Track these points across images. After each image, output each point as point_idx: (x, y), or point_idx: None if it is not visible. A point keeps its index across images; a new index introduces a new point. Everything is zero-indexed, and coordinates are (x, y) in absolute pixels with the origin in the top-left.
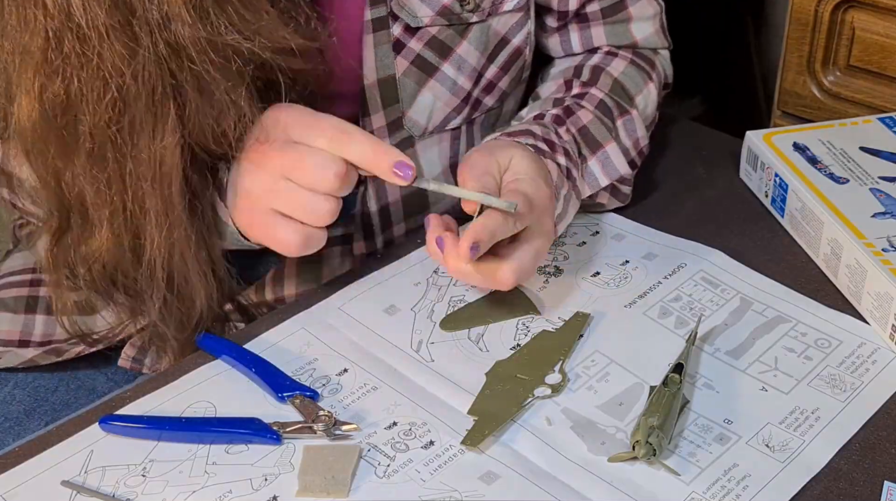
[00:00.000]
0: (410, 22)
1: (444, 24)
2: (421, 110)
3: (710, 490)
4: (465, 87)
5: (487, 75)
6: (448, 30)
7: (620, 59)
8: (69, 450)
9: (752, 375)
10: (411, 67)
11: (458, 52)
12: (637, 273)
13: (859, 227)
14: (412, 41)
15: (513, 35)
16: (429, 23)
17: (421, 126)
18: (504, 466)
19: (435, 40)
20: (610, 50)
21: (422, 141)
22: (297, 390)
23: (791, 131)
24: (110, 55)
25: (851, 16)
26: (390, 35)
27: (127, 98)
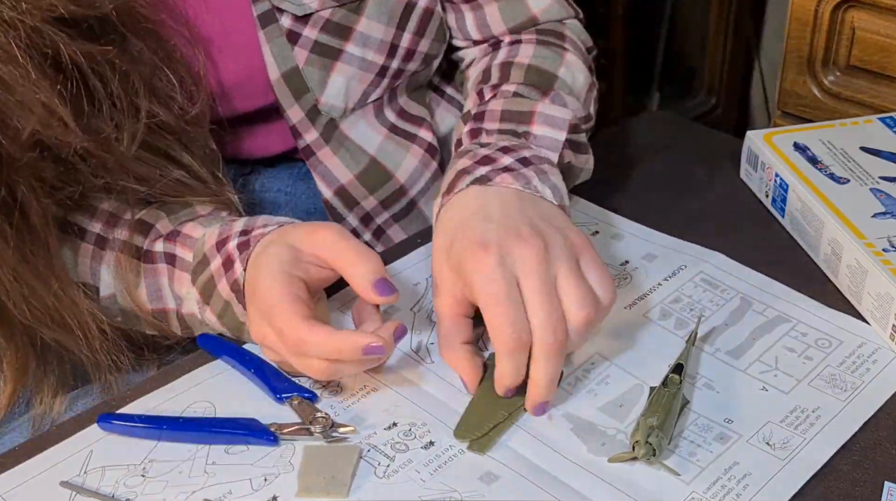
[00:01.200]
0: (296, 11)
1: (335, 6)
2: (335, 94)
3: (710, 489)
4: (377, 61)
5: (403, 44)
6: (341, 10)
7: (526, 44)
8: (69, 450)
9: (752, 374)
10: (311, 55)
11: (358, 30)
12: (637, 274)
13: (860, 227)
14: (306, 29)
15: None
16: (318, 7)
17: (339, 108)
18: (504, 466)
19: (330, 23)
20: (512, 39)
21: (344, 120)
22: (295, 391)
23: (791, 131)
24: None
25: (851, 16)
26: (281, 28)
27: None
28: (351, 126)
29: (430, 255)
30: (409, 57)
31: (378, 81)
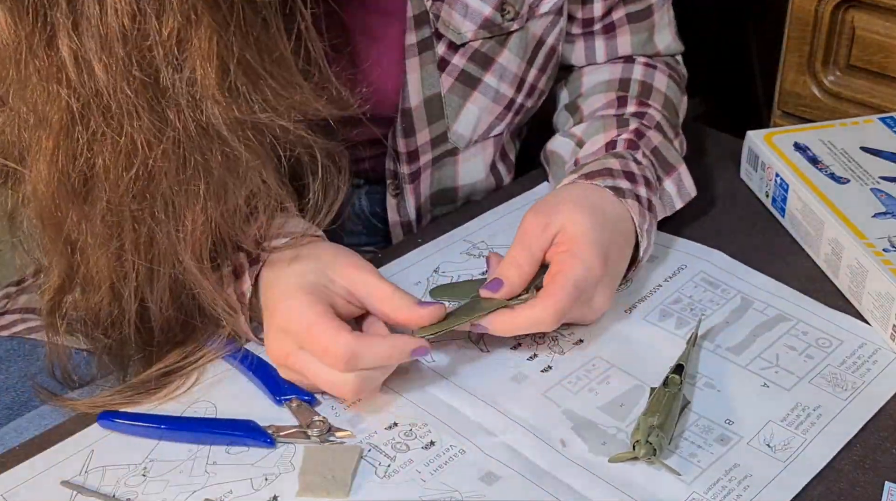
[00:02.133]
0: (455, 39)
1: (485, 37)
2: (466, 123)
3: (710, 490)
4: (508, 94)
5: (529, 79)
6: (490, 41)
7: (660, 72)
8: (69, 450)
9: (753, 371)
10: (456, 82)
11: (499, 62)
12: (637, 276)
13: (860, 227)
14: (456, 57)
15: (548, 35)
16: (472, 37)
17: (466, 138)
18: (505, 466)
19: (477, 53)
20: (647, 62)
21: (465, 151)
22: (294, 393)
23: (792, 131)
24: (137, 134)
25: (851, 15)
26: (435, 55)
27: (152, 175)
28: (467, 159)
29: (430, 255)
30: (531, 92)
31: (504, 115)
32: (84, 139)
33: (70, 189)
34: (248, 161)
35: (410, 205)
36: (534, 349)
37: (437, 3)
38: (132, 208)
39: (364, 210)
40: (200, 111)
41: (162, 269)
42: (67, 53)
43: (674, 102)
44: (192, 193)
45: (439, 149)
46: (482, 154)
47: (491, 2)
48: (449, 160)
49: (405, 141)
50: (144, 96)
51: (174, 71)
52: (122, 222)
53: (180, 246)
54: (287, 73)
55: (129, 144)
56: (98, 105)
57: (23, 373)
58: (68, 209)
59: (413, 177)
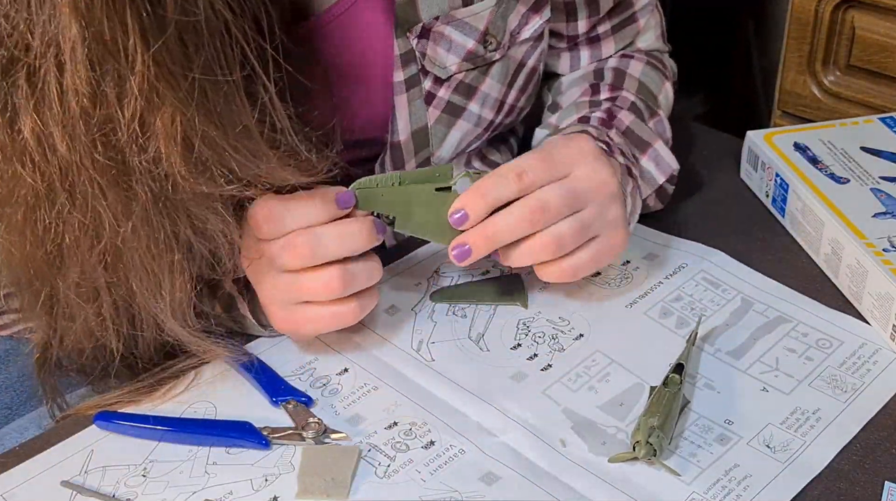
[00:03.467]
0: (440, 74)
1: (469, 68)
2: (448, 148)
3: (710, 490)
4: (488, 117)
5: (509, 101)
6: (473, 72)
7: (636, 60)
8: (69, 450)
9: (752, 375)
10: (442, 114)
11: (481, 90)
12: (638, 273)
13: (860, 227)
14: (441, 90)
15: (528, 58)
16: (456, 70)
17: (446, 159)
18: (505, 466)
19: (461, 84)
20: (623, 53)
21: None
22: (291, 395)
23: (792, 131)
24: (104, 211)
25: (851, 16)
26: (422, 90)
27: (122, 249)
28: None
29: (430, 256)
30: (510, 112)
31: (482, 135)
32: (51, 217)
33: (43, 260)
34: (216, 223)
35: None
36: (534, 349)
37: (423, 41)
38: (106, 277)
39: None
40: (167, 188)
41: (145, 328)
42: (30, 134)
43: (649, 87)
44: (163, 262)
45: None
46: (457, 166)
47: (474, 35)
48: None
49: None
50: (109, 175)
51: (139, 151)
52: (97, 289)
53: (161, 313)
54: (252, 144)
55: (95, 221)
56: (63, 184)
57: (22, 372)
58: (42, 278)
59: None
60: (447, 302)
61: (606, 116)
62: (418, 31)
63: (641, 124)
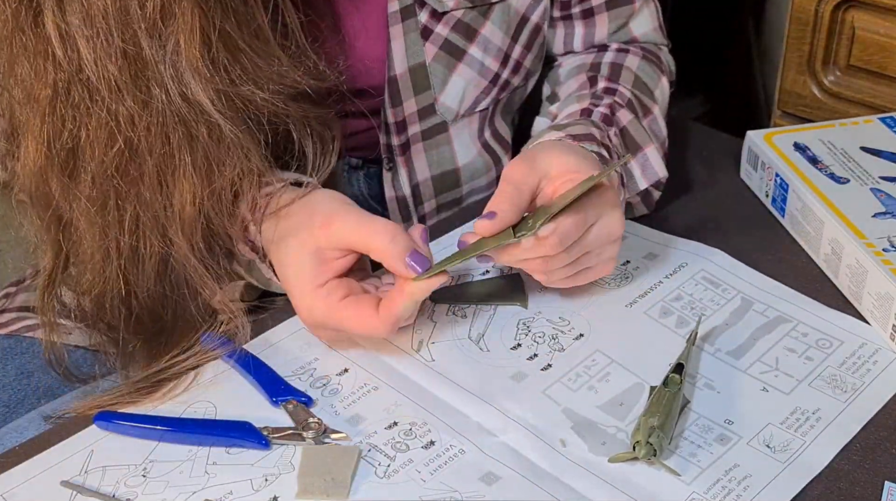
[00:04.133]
0: (437, 7)
1: (467, 7)
2: (453, 95)
3: (710, 490)
4: (493, 68)
5: (514, 55)
6: (472, 11)
7: (633, 54)
8: (69, 450)
9: (752, 375)
10: (440, 52)
11: (482, 34)
12: (638, 273)
13: (860, 227)
14: (439, 26)
15: (531, 12)
16: (454, 6)
17: (453, 111)
18: (505, 466)
19: (460, 23)
20: (619, 46)
21: (454, 125)
22: (290, 395)
23: (792, 131)
24: (121, 108)
25: (851, 15)
26: (418, 22)
27: (137, 150)
28: (458, 133)
29: None
30: (516, 69)
31: (489, 89)
32: (69, 114)
33: (55, 164)
34: (232, 135)
35: (404, 179)
36: (534, 349)
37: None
38: (116, 185)
39: (363, 192)
40: (184, 84)
41: (150, 249)
42: (53, 30)
43: (644, 81)
44: (177, 169)
45: (427, 121)
46: (468, 129)
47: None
48: (442, 138)
49: (393, 111)
50: (128, 72)
51: (158, 45)
52: (106, 199)
53: (169, 224)
54: (265, 45)
55: (112, 120)
56: (82, 80)
57: (20, 371)
58: (54, 185)
59: (403, 148)
60: (447, 302)
61: (609, 111)
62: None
63: (637, 124)
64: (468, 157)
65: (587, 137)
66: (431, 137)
